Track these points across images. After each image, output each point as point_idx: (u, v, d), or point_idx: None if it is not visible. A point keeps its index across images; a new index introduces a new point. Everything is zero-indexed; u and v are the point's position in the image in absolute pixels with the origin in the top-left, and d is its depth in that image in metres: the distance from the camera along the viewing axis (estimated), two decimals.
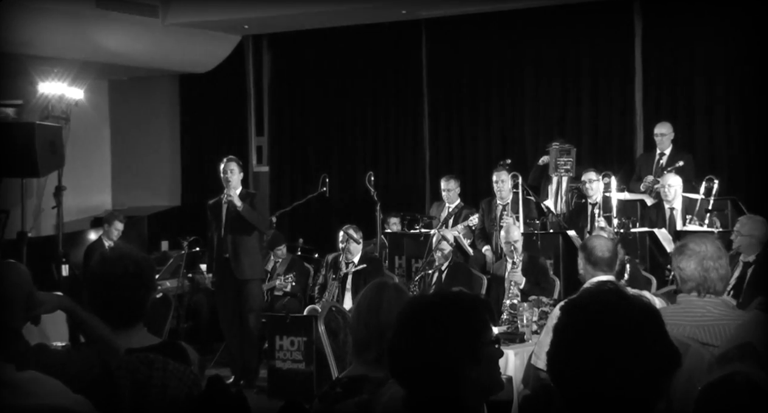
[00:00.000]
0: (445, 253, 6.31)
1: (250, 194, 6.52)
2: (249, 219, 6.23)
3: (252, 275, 6.38)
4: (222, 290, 6.44)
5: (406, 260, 7.14)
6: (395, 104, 9.56)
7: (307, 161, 9.93)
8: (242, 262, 6.28)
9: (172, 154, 10.60)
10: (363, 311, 2.47)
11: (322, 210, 9.47)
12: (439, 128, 9.36)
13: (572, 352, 1.48)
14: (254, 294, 6.37)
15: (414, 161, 9.47)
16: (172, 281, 7.67)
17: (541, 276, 5.99)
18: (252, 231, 6.41)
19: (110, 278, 2.38)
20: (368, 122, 9.69)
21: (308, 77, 9.90)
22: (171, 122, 10.59)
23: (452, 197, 7.63)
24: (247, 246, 6.35)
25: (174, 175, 10.59)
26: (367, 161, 9.55)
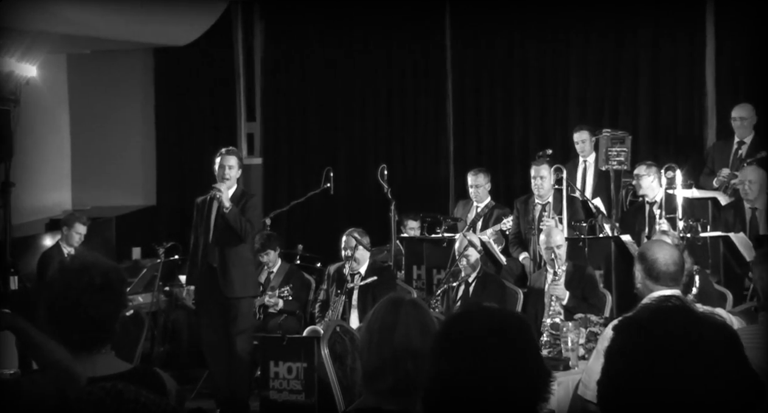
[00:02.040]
0: (472, 261, 6.32)
1: (246, 195, 6.52)
2: (232, 224, 6.22)
3: (243, 292, 6.35)
4: (206, 308, 6.42)
5: (425, 270, 7.17)
6: (413, 83, 9.59)
7: (307, 152, 9.97)
8: (232, 276, 6.28)
9: (145, 143, 10.63)
10: (374, 332, 2.49)
11: (325, 210, 9.52)
12: (466, 112, 9.37)
13: (628, 381, 1.48)
14: (245, 313, 6.37)
15: (435, 152, 9.50)
16: (145, 295, 7.72)
17: (588, 290, 5.98)
18: (249, 243, 6.44)
19: (71, 293, 2.40)
20: (381, 105, 9.72)
21: (309, 51, 9.91)
22: (144, 106, 10.63)
23: (481, 195, 7.64)
24: (239, 256, 6.33)
25: (147, 168, 10.62)
26: (380, 151, 9.58)
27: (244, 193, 6.50)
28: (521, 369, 1.70)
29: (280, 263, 7.51)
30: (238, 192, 6.39)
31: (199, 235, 6.39)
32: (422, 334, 2.46)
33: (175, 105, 10.45)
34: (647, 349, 1.48)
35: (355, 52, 9.72)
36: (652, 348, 1.47)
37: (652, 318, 1.51)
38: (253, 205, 6.40)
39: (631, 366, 1.48)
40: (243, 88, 10.35)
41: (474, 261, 6.33)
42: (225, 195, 6.19)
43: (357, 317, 6.47)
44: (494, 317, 1.79)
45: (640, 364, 1.47)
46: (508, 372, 1.69)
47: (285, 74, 10.08)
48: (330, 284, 6.74)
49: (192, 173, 10.22)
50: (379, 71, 9.67)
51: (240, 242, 6.30)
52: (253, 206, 6.39)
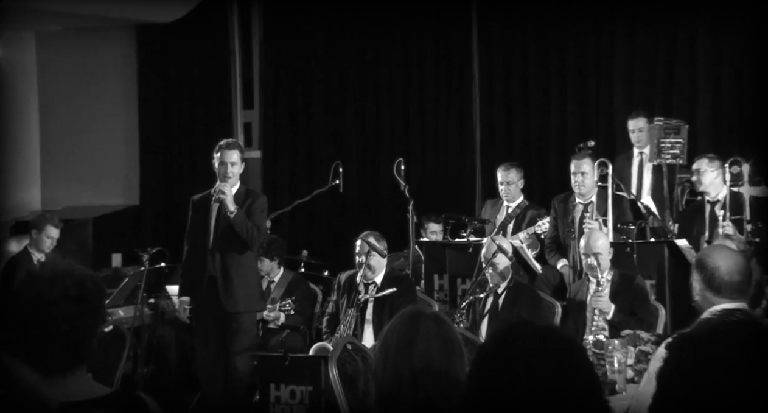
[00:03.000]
0: (502, 270, 6.31)
1: (251, 194, 6.52)
2: (238, 230, 6.21)
3: (247, 306, 6.34)
4: (202, 322, 6.42)
5: (448, 280, 7.18)
6: (434, 66, 9.57)
7: (313, 144, 9.98)
8: (234, 287, 6.27)
9: (128, 134, 10.64)
10: (391, 350, 2.51)
11: (333, 211, 9.55)
12: (495, 98, 9.34)
13: (685, 408, 1.46)
14: (247, 330, 6.37)
15: (460, 144, 9.49)
16: (127, 309, 7.72)
17: (637, 303, 5.96)
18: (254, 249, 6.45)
19: (40, 305, 2.40)
20: (397, 90, 9.71)
21: (315, 30, 9.92)
22: (125, 91, 10.63)
23: (513, 193, 7.63)
24: (242, 265, 6.32)
25: (130, 163, 10.63)
26: (396, 143, 9.58)
27: (248, 192, 6.49)
28: (581, 395, 1.70)
29: (281, 271, 7.52)
30: (241, 191, 6.36)
31: (197, 239, 6.38)
32: (445, 352, 2.50)
33: (161, 91, 10.46)
34: (706, 370, 1.47)
35: (368, 32, 9.72)
36: (713, 369, 1.46)
37: (712, 335, 1.50)
38: (259, 206, 6.39)
39: (687, 389, 1.47)
40: (239, 71, 10.37)
41: (504, 269, 6.32)
42: (230, 197, 6.18)
43: (371, 333, 6.48)
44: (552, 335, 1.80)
45: (697, 388, 1.46)
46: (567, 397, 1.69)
47: (287, 56, 10.08)
48: (340, 295, 6.74)
49: (181, 169, 10.27)
50: (395, 52, 9.66)
51: (245, 250, 6.31)
52: (259, 208, 6.36)
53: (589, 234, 6.20)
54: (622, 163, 7.55)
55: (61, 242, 7.91)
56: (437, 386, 2.39)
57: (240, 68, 10.36)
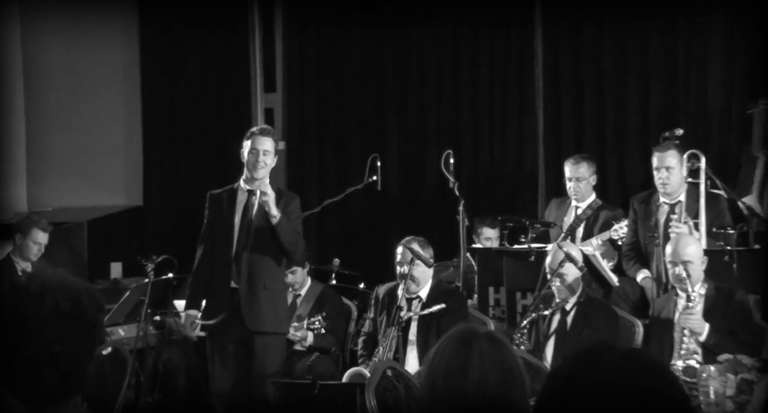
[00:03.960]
0: (571, 282, 6.29)
1: (284, 194, 6.51)
2: (283, 240, 6.21)
3: (275, 327, 6.39)
4: (220, 343, 6.43)
5: (506, 293, 7.17)
6: (489, 42, 9.53)
7: (346, 134, 9.99)
8: (261, 303, 6.29)
9: (129, 123, 10.66)
10: (439, 376, 2.52)
11: (370, 213, 9.56)
12: (561, 78, 9.28)
13: None
14: (275, 352, 6.41)
15: (520, 134, 9.45)
16: (128, 327, 7.76)
17: (738, 322, 5.91)
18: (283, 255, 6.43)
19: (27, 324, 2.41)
20: (444, 71, 9.69)
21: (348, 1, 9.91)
22: (126, 72, 10.64)
23: (583, 191, 7.60)
24: (272, 278, 6.36)
25: (131, 157, 10.64)
26: (444, 133, 9.56)
27: (280, 192, 6.45)
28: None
29: (309, 283, 7.55)
30: (273, 189, 6.36)
31: (215, 242, 6.39)
32: (503, 380, 2.52)
33: (167, 71, 10.47)
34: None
35: (411, 1, 9.66)
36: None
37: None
38: (295, 210, 6.40)
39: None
40: (259, 47, 10.37)
41: (573, 282, 6.30)
42: (272, 199, 6.15)
43: (415, 356, 6.51)
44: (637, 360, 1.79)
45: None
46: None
47: (315, 30, 10.08)
48: (378, 312, 6.76)
49: (191, 163, 10.25)
50: (442, 27, 9.62)
51: (281, 260, 6.36)
52: (296, 212, 6.39)
53: (677, 240, 6.16)
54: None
55: (51, 248, 7.98)
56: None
57: (260, 44, 10.36)
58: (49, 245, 7.90)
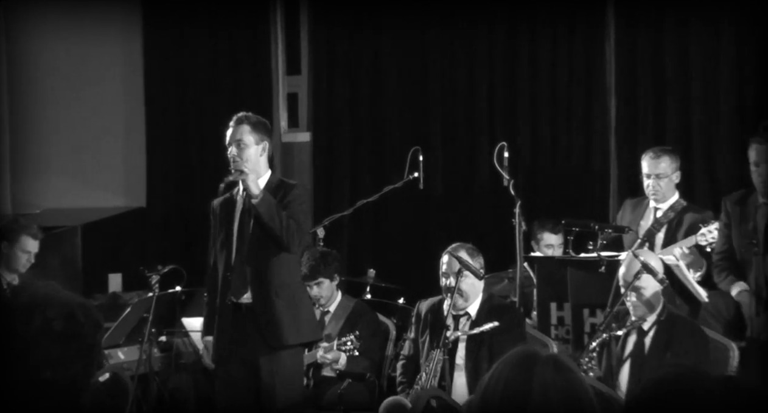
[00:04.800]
0: (649, 297, 6.23)
1: (285, 184, 6.52)
2: (266, 221, 6.20)
3: (295, 338, 6.36)
4: (226, 369, 6.46)
5: (571, 310, 7.16)
6: (552, 17, 9.50)
7: (383, 123, 9.99)
8: (277, 310, 6.29)
9: (130, 114, 10.72)
10: (493, 407, 2.53)
11: (410, 215, 9.55)
12: (638, 58, 9.22)
13: None
14: (289, 371, 6.38)
15: (587, 123, 9.41)
16: (129, 350, 7.79)
17: None
18: (296, 255, 6.44)
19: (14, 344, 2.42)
20: (498, 51, 9.66)
21: None
22: (126, 53, 10.71)
23: (664, 190, 7.57)
24: (283, 278, 6.35)
25: (132, 152, 10.68)
26: (497, 122, 9.54)
27: (281, 184, 6.48)
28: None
29: (339, 298, 7.54)
30: (273, 181, 6.44)
31: (218, 257, 6.47)
32: (568, 411, 2.51)
33: (172, 51, 10.52)
34: None
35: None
36: None
37: None
38: (296, 197, 6.36)
39: None
40: (281, 23, 10.41)
41: (652, 297, 6.23)
42: (252, 181, 6.22)
43: (464, 383, 6.49)
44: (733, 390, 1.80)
45: None
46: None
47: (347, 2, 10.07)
48: (420, 331, 6.74)
49: (202, 159, 10.25)
50: (497, 2, 9.58)
51: (285, 258, 6.32)
52: (297, 200, 6.37)
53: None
54: None
55: (41, 257, 7.94)
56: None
57: (282, 20, 10.40)
58: (39, 254, 7.89)
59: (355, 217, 8.97)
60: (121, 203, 10.64)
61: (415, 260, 9.24)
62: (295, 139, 10.35)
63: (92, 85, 10.68)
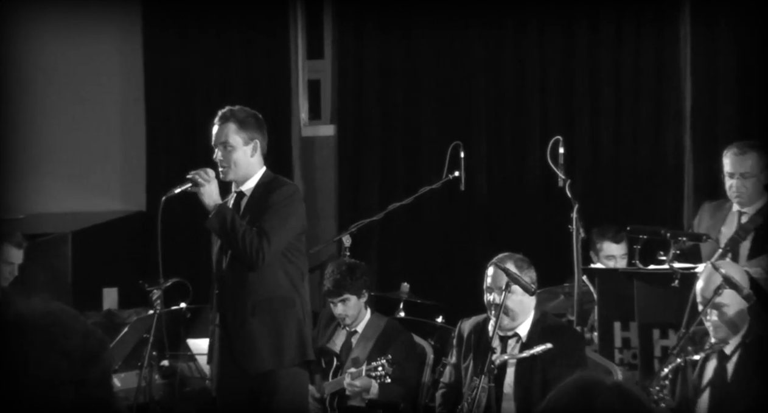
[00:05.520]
0: (731, 316, 6.17)
1: (273, 184, 6.54)
2: (220, 236, 6.37)
3: (275, 362, 6.39)
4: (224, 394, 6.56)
5: (638, 330, 7.13)
6: None
7: (418, 114, 10.01)
8: (251, 335, 6.36)
9: (128, 109, 10.85)
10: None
11: (450, 221, 9.59)
12: (717, 42, 9.19)
13: None
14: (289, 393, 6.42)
15: (657, 114, 9.39)
16: (127, 376, 7.83)
17: None
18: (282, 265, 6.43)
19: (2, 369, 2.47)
20: (552, 32, 9.68)
21: None
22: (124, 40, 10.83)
23: (750, 192, 7.50)
24: (265, 298, 6.39)
25: (131, 151, 10.81)
26: (551, 113, 9.56)
27: (272, 182, 6.53)
28: None
29: (368, 317, 7.54)
30: (264, 180, 6.50)
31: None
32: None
33: (176, 42, 10.63)
34: None
35: None
36: None
37: None
38: (279, 201, 6.38)
39: None
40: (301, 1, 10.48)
41: (736, 315, 6.17)
42: (210, 188, 6.33)
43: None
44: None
45: None
46: None
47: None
48: (463, 355, 6.72)
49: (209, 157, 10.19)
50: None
51: (273, 276, 6.36)
52: (279, 203, 6.38)
53: None
54: None
55: (24, 269, 8.02)
56: None
57: None
58: (25, 264, 7.99)
59: (386, 223, 8.98)
60: (118, 206, 10.76)
61: (455, 272, 9.31)
62: (317, 133, 10.44)
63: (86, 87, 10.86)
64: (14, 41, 10.69)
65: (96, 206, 10.66)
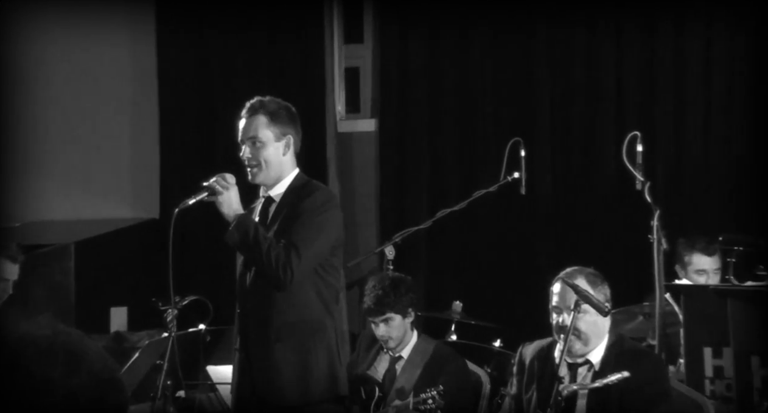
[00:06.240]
0: None
1: (304, 189, 6.47)
2: (243, 252, 6.33)
3: (301, 396, 6.31)
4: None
5: (734, 358, 7.01)
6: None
7: (472, 108, 9.98)
8: (274, 365, 6.31)
9: (139, 102, 10.97)
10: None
11: (508, 230, 9.58)
12: None
13: None
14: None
15: (753, 106, 9.32)
16: (136, 408, 7.73)
17: None
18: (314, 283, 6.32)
19: None
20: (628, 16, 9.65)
21: None
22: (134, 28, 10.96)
23: None
24: (291, 322, 6.32)
25: (142, 153, 10.94)
26: (627, 106, 9.54)
27: (304, 187, 6.45)
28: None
29: (414, 340, 7.50)
30: (296, 185, 6.42)
31: None
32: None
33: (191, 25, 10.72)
34: None
35: None
36: None
37: None
38: (310, 209, 6.29)
39: None
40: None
41: None
42: (230, 196, 6.26)
43: None
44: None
45: None
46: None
47: None
48: (525, 384, 6.63)
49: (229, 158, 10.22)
50: None
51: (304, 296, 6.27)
52: (310, 212, 6.30)
53: None
54: None
55: (20, 286, 7.98)
56: None
57: None
58: (21, 281, 7.94)
59: (434, 232, 8.97)
60: (128, 213, 10.86)
61: (515, 289, 9.32)
62: (355, 128, 10.48)
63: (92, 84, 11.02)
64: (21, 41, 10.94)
65: (103, 212, 10.75)
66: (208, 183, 6.26)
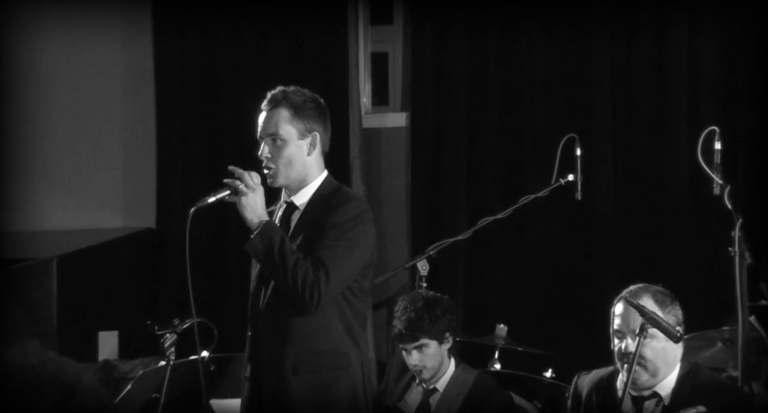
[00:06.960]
0: None
1: (338, 197, 6.44)
2: (265, 269, 6.29)
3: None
4: None
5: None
6: None
7: (518, 102, 9.97)
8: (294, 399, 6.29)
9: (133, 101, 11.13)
10: None
11: (561, 241, 9.56)
12: None
13: None
14: None
15: None
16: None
17: None
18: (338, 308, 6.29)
19: None
20: None
21: None
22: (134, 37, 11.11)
23: None
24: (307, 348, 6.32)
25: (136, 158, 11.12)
26: (700, 98, 9.48)
27: (333, 195, 6.45)
28: None
29: (452, 369, 7.50)
30: (324, 192, 6.42)
31: None
32: None
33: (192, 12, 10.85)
34: None
35: None
36: None
37: None
38: (339, 223, 6.28)
39: None
40: None
41: None
42: (253, 200, 6.21)
43: None
44: None
45: None
46: None
47: None
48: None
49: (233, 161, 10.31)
50: None
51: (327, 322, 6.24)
52: (343, 223, 6.29)
53: None
54: None
55: None
56: None
57: None
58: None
59: (475, 243, 9.03)
60: (119, 222, 10.96)
61: (569, 311, 9.31)
62: (383, 123, 10.53)
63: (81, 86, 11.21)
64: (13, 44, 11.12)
65: (91, 222, 10.87)
66: (231, 181, 6.19)
